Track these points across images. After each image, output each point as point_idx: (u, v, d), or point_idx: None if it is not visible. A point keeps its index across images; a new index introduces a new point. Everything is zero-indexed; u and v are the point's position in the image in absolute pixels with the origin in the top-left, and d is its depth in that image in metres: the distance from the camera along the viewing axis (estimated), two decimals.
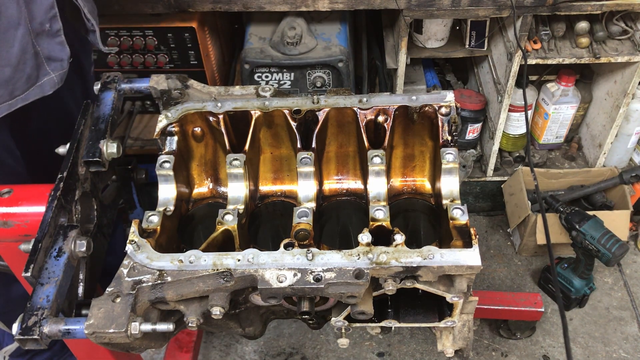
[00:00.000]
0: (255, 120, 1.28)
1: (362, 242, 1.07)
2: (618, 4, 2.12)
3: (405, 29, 2.19)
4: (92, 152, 1.17)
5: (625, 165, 2.75)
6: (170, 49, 2.22)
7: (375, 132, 1.29)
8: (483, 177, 2.76)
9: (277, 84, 2.29)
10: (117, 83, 1.29)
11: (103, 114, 1.23)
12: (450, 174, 1.22)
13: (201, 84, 1.35)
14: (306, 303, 1.09)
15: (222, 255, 1.06)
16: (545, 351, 2.40)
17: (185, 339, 2.21)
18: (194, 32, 2.16)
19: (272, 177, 1.38)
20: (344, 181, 1.37)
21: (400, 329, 2.46)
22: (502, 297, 2.30)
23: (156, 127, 1.27)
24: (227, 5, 2.07)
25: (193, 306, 1.09)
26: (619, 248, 2.22)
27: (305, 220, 1.17)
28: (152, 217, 1.17)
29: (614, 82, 2.43)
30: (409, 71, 2.54)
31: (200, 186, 1.37)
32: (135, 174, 1.40)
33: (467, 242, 1.08)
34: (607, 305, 2.55)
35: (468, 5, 2.09)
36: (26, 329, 0.97)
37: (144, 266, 1.06)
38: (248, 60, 2.24)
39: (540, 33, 2.26)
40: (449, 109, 1.25)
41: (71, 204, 1.14)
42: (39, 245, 1.04)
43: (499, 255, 2.76)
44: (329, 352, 2.41)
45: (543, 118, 2.62)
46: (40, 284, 1.02)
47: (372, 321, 1.22)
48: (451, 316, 1.18)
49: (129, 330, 0.98)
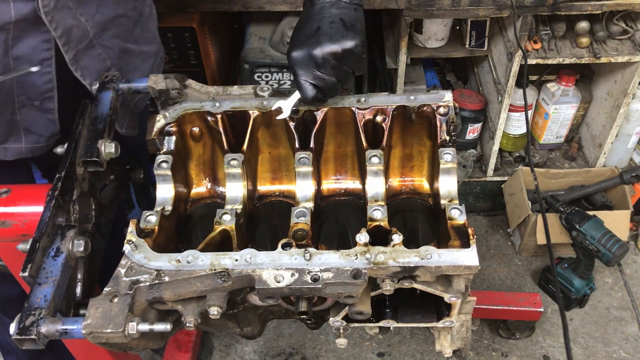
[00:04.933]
0: (254, 120, 1.28)
1: (360, 242, 1.07)
2: (618, 4, 2.11)
3: (405, 28, 2.19)
4: (90, 152, 1.17)
5: (625, 165, 2.74)
6: (170, 49, 2.22)
7: (373, 132, 1.29)
8: (483, 177, 2.76)
9: (277, 84, 2.29)
10: (116, 83, 1.29)
11: (101, 114, 1.23)
12: (448, 174, 1.21)
13: (199, 84, 1.35)
14: (304, 303, 1.09)
15: (219, 255, 1.06)
16: (546, 351, 2.40)
17: (184, 339, 2.21)
18: (194, 32, 2.16)
19: (270, 177, 1.38)
20: (342, 181, 1.37)
21: (400, 329, 2.46)
22: (502, 297, 2.30)
23: (154, 127, 1.27)
24: (227, 5, 2.08)
25: (191, 306, 1.09)
26: (619, 248, 2.22)
27: (303, 220, 1.17)
28: (150, 217, 1.17)
29: (614, 82, 2.43)
30: (409, 71, 2.54)
31: (198, 186, 1.37)
32: (133, 174, 1.40)
33: (465, 242, 1.08)
34: (608, 305, 2.55)
35: (468, 5, 2.09)
36: (23, 328, 0.96)
37: (141, 266, 1.06)
38: (248, 60, 2.24)
39: (541, 33, 2.26)
40: (448, 108, 1.25)
41: (69, 203, 1.14)
42: (36, 245, 1.04)
43: (499, 255, 2.76)
44: (329, 352, 2.41)
45: (543, 118, 2.62)
46: (38, 284, 1.01)
47: (370, 321, 1.22)
48: (449, 316, 1.17)
49: (126, 330, 0.98)
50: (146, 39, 1.46)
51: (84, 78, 1.29)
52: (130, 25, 1.38)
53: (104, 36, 1.31)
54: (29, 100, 1.25)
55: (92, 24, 1.26)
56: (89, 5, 1.24)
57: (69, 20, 1.20)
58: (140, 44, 1.43)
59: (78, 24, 1.23)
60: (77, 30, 1.23)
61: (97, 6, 1.26)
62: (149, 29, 1.47)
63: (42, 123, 1.30)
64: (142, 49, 1.44)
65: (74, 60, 1.25)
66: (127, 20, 1.37)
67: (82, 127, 1.21)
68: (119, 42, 1.36)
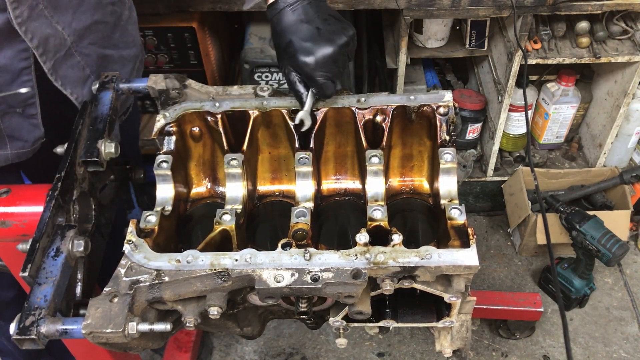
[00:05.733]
0: (254, 120, 1.28)
1: (360, 242, 1.07)
2: (618, 4, 2.11)
3: (405, 28, 2.19)
4: (90, 152, 1.17)
5: (625, 165, 2.74)
6: (170, 49, 2.22)
7: (373, 132, 1.29)
8: (483, 177, 2.76)
9: (277, 84, 2.29)
10: (116, 83, 1.29)
11: (101, 114, 1.23)
12: (448, 174, 1.21)
13: (199, 84, 1.35)
14: (304, 303, 1.09)
15: (219, 255, 1.06)
16: (546, 351, 2.40)
17: (184, 339, 2.21)
18: (194, 32, 2.16)
19: (270, 177, 1.38)
20: (342, 181, 1.37)
21: (400, 329, 2.46)
22: (502, 297, 2.30)
23: (154, 127, 1.27)
24: (227, 5, 2.07)
25: (191, 306, 1.09)
26: (619, 248, 2.22)
27: (303, 220, 1.17)
28: (150, 217, 1.17)
29: (614, 82, 2.43)
30: (409, 71, 2.54)
31: (198, 186, 1.37)
32: (133, 174, 1.40)
33: (465, 242, 1.08)
34: (608, 305, 2.55)
35: (468, 5, 2.09)
36: (23, 328, 0.96)
37: (141, 266, 1.06)
38: (248, 60, 2.24)
39: (541, 33, 2.26)
40: (447, 108, 1.25)
41: (69, 203, 1.14)
42: (36, 245, 1.04)
43: (499, 255, 2.76)
44: (329, 352, 2.41)
45: (543, 118, 2.62)
46: (38, 284, 1.01)
47: (370, 321, 1.22)
48: (449, 316, 1.17)
49: (126, 330, 0.98)
50: (125, 43, 1.43)
51: (64, 88, 1.27)
52: (108, 30, 1.35)
53: (82, 44, 1.27)
54: (10, 108, 1.23)
55: (70, 31, 1.23)
56: (66, 13, 1.21)
57: (45, 29, 1.17)
58: (119, 48, 1.40)
59: (55, 33, 1.19)
60: (54, 39, 1.20)
61: (74, 13, 1.23)
62: (128, 32, 1.43)
63: (26, 128, 1.28)
64: (121, 54, 1.41)
65: (52, 70, 1.23)
66: (105, 25, 1.33)
67: (82, 127, 1.21)
68: (97, 49, 1.32)
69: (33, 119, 1.28)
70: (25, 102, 1.24)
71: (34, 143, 1.32)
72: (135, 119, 1.66)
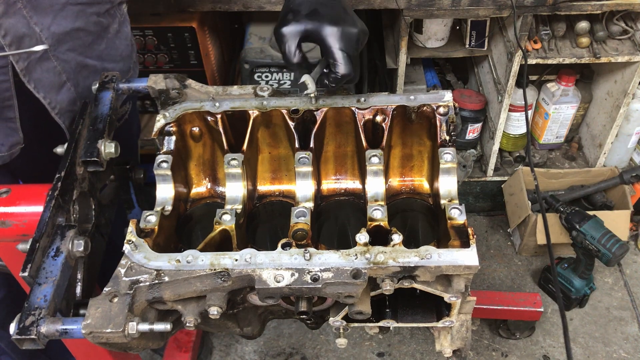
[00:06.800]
0: (254, 120, 1.28)
1: (360, 242, 1.07)
2: (618, 4, 2.11)
3: (405, 28, 2.19)
4: (90, 152, 1.17)
5: (625, 165, 2.74)
6: (170, 49, 2.22)
7: (373, 131, 1.29)
8: (483, 177, 2.76)
9: (277, 84, 2.29)
10: (115, 82, 1.28)
11: (101, 114, 1.23)
12: (448, 174, 1.21)
13: (199, 84, 1.35)
14: (304, 303, 1.09)
15: (219, 255, 1.06)
16: (546, 351, 2.40)
17: (184, 339, 2.21)
18: (194, 32, 2.16)
19: (270, 177, 1.38)
20: (342, 181, 1.37)
21: (400, 329, 2.46)
22: (502, 297, 2.30)
23: (154, 127, 1.27)
24: (227, 5, 2.08)
25: (191, 306, 1.09)
26: (619, 248, 2.22)
27: (303, 220, 1.17)
28: (150, 217, 1.17)
29: (614, 81, 2.43)
30: (409, 71, 2.54)
31: (198, 186, 1.37)
32: (133, 174, 1.40)
33: (465, 242, 1.08)
34: (608, 305, 2.55)
35: (468, 5, 2.09)
36: (23, 328, 0.96)
37: (141, 266, 1.06)
38: (248, 60, 2.24)
39: (541, 33, 2.26)
40: (447, 108, 1.25)
41: (69, 203, 1.14)
42: (36, 245, 1.04)
43: (499, 255, 2.76)
44: (329, 352, 2.41)
45: (543, 118, 2.62)
46: (38, 284, 1.01)
47: (370, 321, 1.22)
48: (449, 316, 1.17)
49: (126, 330, 0.98)
50: (111, 56, 1.38)
51: (37, 91, 1.22)
52: (90, 39, 1.30)
53: (60, 48, 1.23)
54: None
55: (48, 34, 1.19)
56: (46, 15, 1.18)
57: (21, 28, 1.14)
58: (103, 60, 1.36)
59: (31, 34, 1.16)
60: (30, 40, 1.16)
61: (54, 17, 1.19)
62: (115, 46, 1.39)
63: (3, 131, 1.25)
64: (105, 66, 1.37)
65: (26, 71, 1.18)
66: (87, 34, 1.29)
67: (82, 127, 1.21)
68: (76, 56, 1.28)
69: (11, 123, 1.24)
70: (2, 103, 1.20)
71: (11, 148, 1.28)
72: (133, 120, 1.65)
